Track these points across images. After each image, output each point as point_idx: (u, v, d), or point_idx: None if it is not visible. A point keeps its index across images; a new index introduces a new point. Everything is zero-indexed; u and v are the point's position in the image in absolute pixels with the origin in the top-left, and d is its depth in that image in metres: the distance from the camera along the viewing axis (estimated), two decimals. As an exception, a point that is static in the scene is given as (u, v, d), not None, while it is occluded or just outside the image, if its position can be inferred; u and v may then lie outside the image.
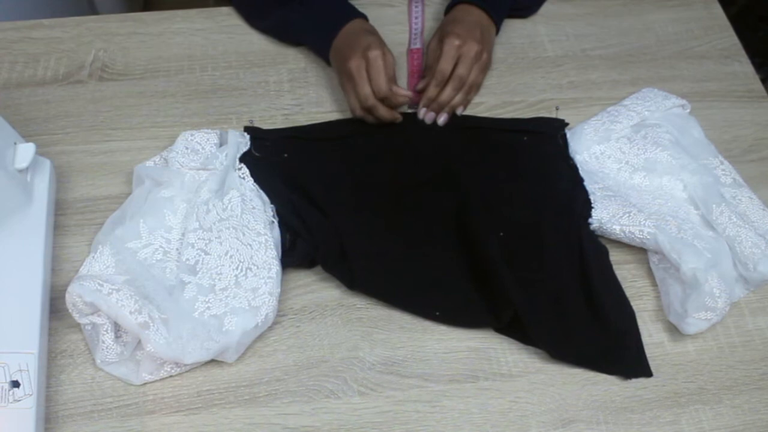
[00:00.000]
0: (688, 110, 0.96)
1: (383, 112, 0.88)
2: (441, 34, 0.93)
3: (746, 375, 0.80)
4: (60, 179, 0.86)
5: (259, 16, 1.01)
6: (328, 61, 0.96)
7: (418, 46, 1.01)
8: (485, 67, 0.94)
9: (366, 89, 0.87)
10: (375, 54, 0.86)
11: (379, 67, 0.86)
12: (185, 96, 0.95)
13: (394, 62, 0.89)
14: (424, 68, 0.97)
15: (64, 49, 0.98)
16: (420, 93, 0.93)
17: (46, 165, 0.84)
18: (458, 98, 0.92)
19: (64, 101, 0.93)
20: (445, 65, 0.89)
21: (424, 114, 0.92)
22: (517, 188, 0.88)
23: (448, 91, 0.91)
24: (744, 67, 1.04)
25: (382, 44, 0.89)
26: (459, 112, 0.93)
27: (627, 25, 1.07)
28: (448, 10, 0.98)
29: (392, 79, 0.88)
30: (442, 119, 0.92)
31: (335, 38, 0.92)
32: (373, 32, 0.92)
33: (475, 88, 0.94)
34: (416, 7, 1.05)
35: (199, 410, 0.74)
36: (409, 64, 1.00)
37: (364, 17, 0.95)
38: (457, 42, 0.89)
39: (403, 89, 0.88)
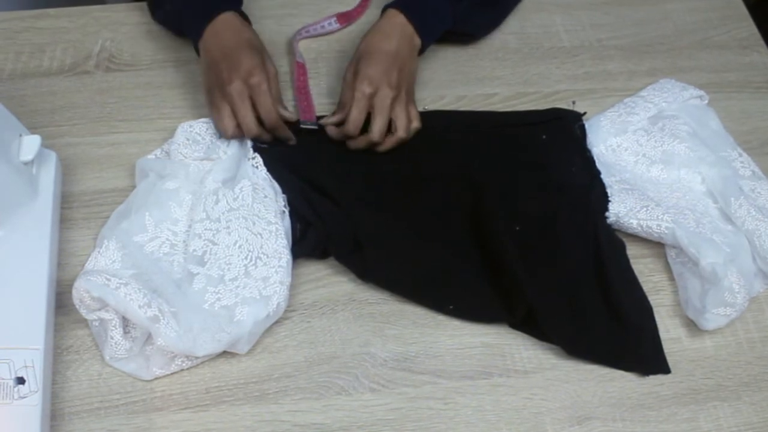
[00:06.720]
0: (706, 101, 0.95)
1: (280, 133, 0.85)
2: (355, 67, 0.85)
3: (765, 371, 0.79)
4: (66, 172, 0.85)
5: (153, 7, 0.96)
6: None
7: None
8: (408, 101, 0.87)
9: (249, 120, 0.81)
10: (259, 80, 0.81)
11: (265, 96, 0.81)
12: (194, 87, 0.93)
13: (277, 79, 0.85)
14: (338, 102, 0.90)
15: (70, 39, 0.97)
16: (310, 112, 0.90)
17: (52, 157, 0.83)
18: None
19: (70, 92, 0.92)
20: (357, 115, 0.83)
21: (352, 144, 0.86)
22: (533, 182, 0.87)
23: (361, 142, 0.85)
24: (763, 58, 1.03)
25: (264, 63, 0.83)
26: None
27: (644, 15, 1.06)
28: (382, 13, 0.90)
29: (278, 102, 0.84)
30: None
31: (205, 32, 0.85)
32: (252, 44, 0.85)
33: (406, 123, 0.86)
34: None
35: (208, 407, 0.73)
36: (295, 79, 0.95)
37: (236, 9, 0.88)
38: (368, 90, 0.83)
39: (289, 114, 0.85)
